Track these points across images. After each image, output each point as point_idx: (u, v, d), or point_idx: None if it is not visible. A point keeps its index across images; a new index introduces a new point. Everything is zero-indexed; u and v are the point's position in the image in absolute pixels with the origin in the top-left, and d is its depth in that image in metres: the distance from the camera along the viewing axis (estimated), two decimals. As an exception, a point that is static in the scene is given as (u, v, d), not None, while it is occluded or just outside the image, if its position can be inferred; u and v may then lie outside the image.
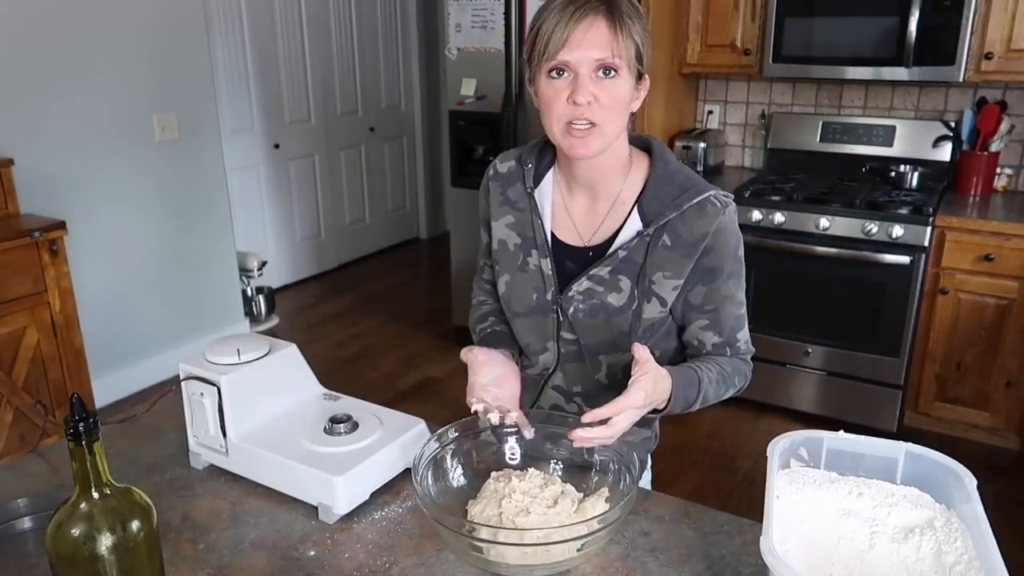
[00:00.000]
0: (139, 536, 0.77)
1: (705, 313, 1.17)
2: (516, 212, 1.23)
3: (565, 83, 1.05)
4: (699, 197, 1.13)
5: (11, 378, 2.52)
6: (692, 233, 1.12)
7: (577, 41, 1.02)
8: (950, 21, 2.70)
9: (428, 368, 3.65)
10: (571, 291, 1.17)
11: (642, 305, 1.15)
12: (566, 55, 1.03)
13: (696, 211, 1.13)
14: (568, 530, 0.91)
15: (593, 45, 1.02)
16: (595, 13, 1.03)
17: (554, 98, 1.06)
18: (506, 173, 1.26)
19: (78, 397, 0.74)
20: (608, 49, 1.03)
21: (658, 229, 1.13)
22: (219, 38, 4.09)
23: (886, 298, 2.80)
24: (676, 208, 1.12)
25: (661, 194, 1.14)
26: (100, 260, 3.15)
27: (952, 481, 0.92)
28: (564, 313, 1.19)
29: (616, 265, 1.15)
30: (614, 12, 1.03)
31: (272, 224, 4.69)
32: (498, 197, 1.25)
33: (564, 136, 1.08)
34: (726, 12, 3.15)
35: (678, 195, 1.13)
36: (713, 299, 1.17)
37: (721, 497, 2.63)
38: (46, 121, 2.91)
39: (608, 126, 1.07)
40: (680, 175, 1.16)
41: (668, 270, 1.14)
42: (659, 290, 1.15)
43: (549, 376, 1.26)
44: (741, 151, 3.66)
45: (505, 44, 3.28)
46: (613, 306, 1.15)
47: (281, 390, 1.21)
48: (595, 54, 1.03)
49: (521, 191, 1.23)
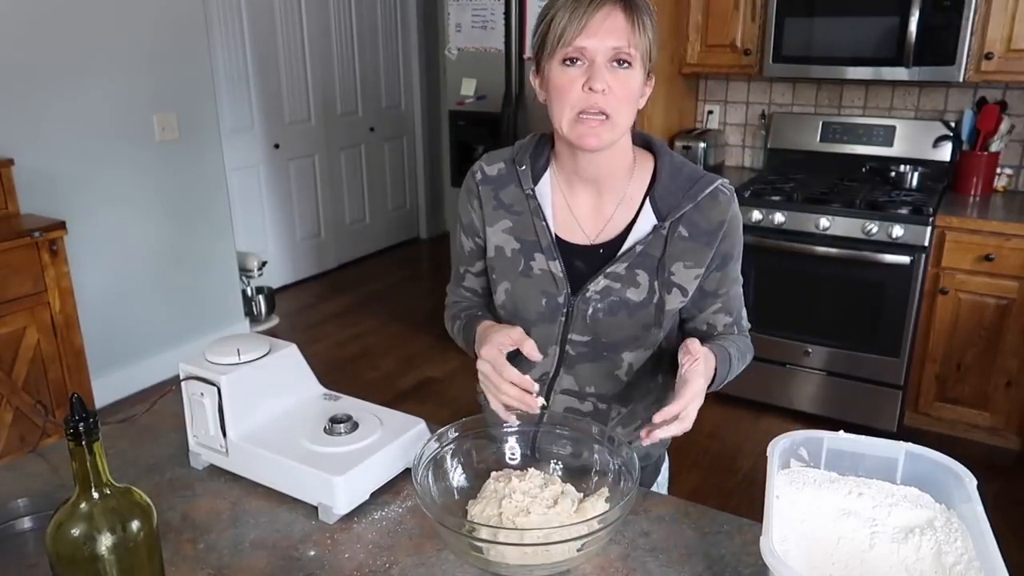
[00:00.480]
0: (139, 536, 0.77)
1: (718, 297, 1.20)
2: (513, 216, 1.20)
3: (580, 71, 1.04)
4: (711, 187, 1.14)
5: (11, 378, 2.52)
6: (710, 222, 1.14)
7: (595, 28, 1.02)
8: (950, 21, 2.70)
9: (428, 368, 3.65)
10: (587, 291, 1.16)
11: (664, 297, 1.16)
12: (583, 41, 1.02)
13: (710, 201, 1.14)
14: (568, 530, 0.91)
15: (611, 33, 1.02)
16: (612, 4, 1.02)
17: (568, 85, 1.05)
18: (496, 176, 1.22)
19: (78, 397, 0.74)
20: (625, 39, 1.02)
21: (674, 222, 1.14)
22: (219, 38, 4.09)
23: (886, 298, 2.80)
24: (691, 199, 1.13)
25: (673, 187, 1.15)
26: (100, 260, 3.15)
27: (952, 481, 0.92)
28: (574, 315, 1.17)
29: (633, 260, 1.15)
30: (630, 5, 1.03)
31: (272, 224, 4.69)
32: (491, 201, 1.21)
33: (574, 126, 1.06)
34: (726, 12, 3.15)
35: (690, 187, 1.14)
36: (725, 283, 1.19)
37: (721, 497, 2.63)
38: (46, 121, 2.91)
39: (619, 118, 1.06)
40: (687, 167, 1.17)
41: (688, 260, 1.15)
42: (680, 280, 1.15)
43: (553, 380, 1.23)
44: (741, 151, 3.66)
45: (505, 44, 3.28)
46: (633, 301, 1.15)
47: (281, 390, 1.21)
48: (612, 42, 1.02)
49: (516, 193, 1.20)
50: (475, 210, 1.24)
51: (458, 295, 1.33)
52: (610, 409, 1.23)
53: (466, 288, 1.32)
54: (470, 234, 1.26)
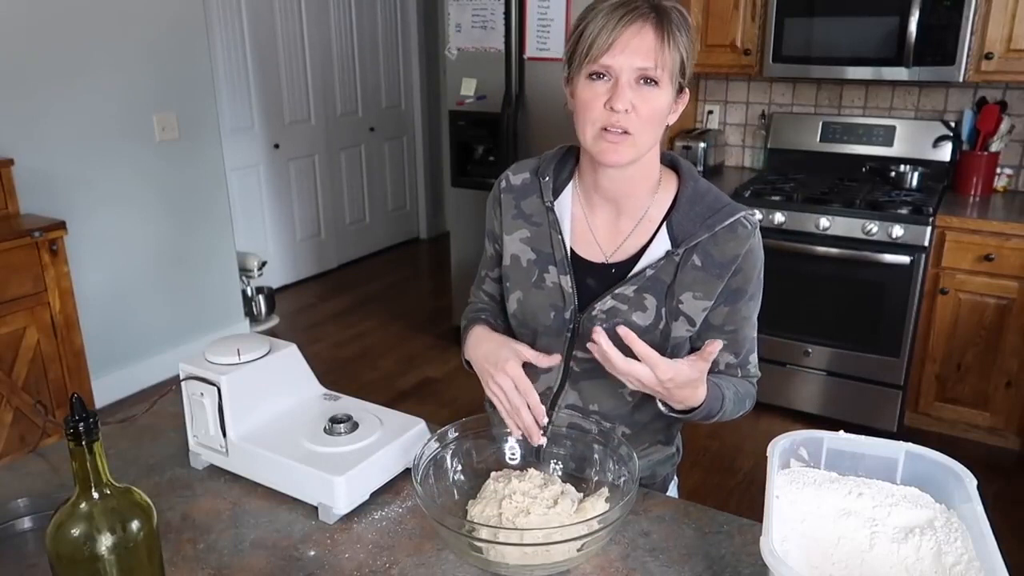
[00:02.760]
0: (139, 536, 0.77)
1: (724, 334, 1.16)
2: (532, 226, 1.19)
3: (605, 87, 1.03)
4: (731, 219, 1.11)
5: (11, 378, 2.52)
6: (723, 255, 1.11)
7: (622, 47, 1.00)
8: (950, 21, 2.70)
9: (428, 368, 3.65)
10: (594, 310, 1.14)
11: (670, 324, 1.13)
12: (609, 59, 1.00)
13: (727, 233, 1.11)
14: (568, 530, 0.91)
15: (638, 52, 1.00)
16: (644, 19, 1.00)
17: (592, 100, 1.04)
18: (520, 186, 1.22)
19: (78, 397, 0.74)
20: (652, 58, 1.00)
21: (688, 250, 1.11)
22: (219, 38, 4.09)
23: (886, 298, 2.80)
24: (708, 229, 1.11)
25: (692, 214, 1.12)
26: (100, 260, 3.15)
27: (952, 481, 0.92)
28: (581, 332, 1.16)
29: (642, 284, 1.13)
30: (663, 21, 1.00)
31: (272, 224, 4.69)
32: (511, 210, 1.21)
33: (596, 141, 1.05)
34: (726, 12, 3.15)
35: (710, 216, 1.11)
36: (733, 320, 1.16)
37: (721, 497, 2.63)
38: (46, 121, 2.91)
39: (642, 137, 1.04)
40: (710, 195, 1.14)
41: (698, 290, 1.12)
42: (687, 310, 1.13)
43: (557, 394, 1.22)
44: (741, 151, 3.66)
45: (505, 44, 3.28)
46: (639, 325, 1.13)
47: (281, 390, 1.21)
48: (638, 62, 1.00)
49: (537, 204, 1.19)
50: (496, 217, 1.24)
51: (478, 297, 1.35)
52: (615, 429, 1.21)
53: (485, 292, 1.33)
54: (491, 240, 1.28)
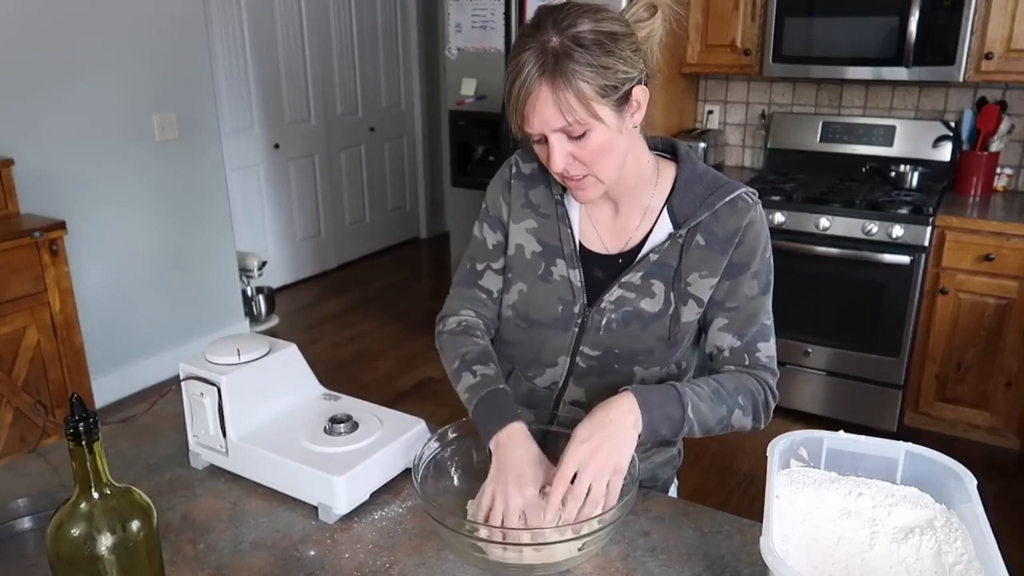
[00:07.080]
0: (139, 536, 0.77)
1: (725, 311, 1.13)
2: (539, 217, 1.18)
3: (543, 147, 1.03)
4: (731, 195, 1.11)
5: (11, 378, 2.52)
6: (725, 230, 1.10)
7: (530, 118, 0.99)
8: (950, 21, 2.70)
9: (428, 368, 3.65)
10: (602, 302, 1.14)
11: (679, 309, 1.13)
12: (528, 128, 1.00)
13: (728, 208, 1.11)
14: (568, 530, 0.91)
15: (545, 120, 0.98)
16: (537, 85, 0.96)
17: (543, 157, 1.05)
18: (529, 175, 1.20)
19: (78, 397, 0.74)
20: (559, 119, 0.97)
21: (691, 230, 1.11)
22: (219, 38, 4.09)
23: (886, 298, 2.80)
24: (709, 207, 1.10)
25: (691, 195, 1.12)
26: (100, 260, 3.15)
27: (952, 481, 0.92)
28: (588, 327, 1.15)
29: (648, 269, 1.12)
30: (557, 73, 0.94)
31: (272, 224, 4.69)
32: (520, 198, 1.19)
33: (565, 183, 1.07)
34: (726, 12, 3.15)
35: (709, 195, 1.11)
36: (735, 296, 1.13)
37: (721, 497, 2.63)
38: (46, 121, 2.91)
39: (601, 171, 1.04)
40: (708, 175, 1.14)
41: (704, 269, 1.11)
42: (695, 291, 1.12)
43: (561, 391, 1.22)
44: (741, 151, 3.66)
45: (505, 44, 3.28)
46: (648, 312, 1.12)
47: (281, 390, 1.21)
48: (552, 124, 0.98)
49: (546, 195, 1.18)
50: (505, 203, 1.21)
51: (468, 302, 1.24)
52: None
53: (481, 288, 1.24)
54: (495, 227, 1.22)
